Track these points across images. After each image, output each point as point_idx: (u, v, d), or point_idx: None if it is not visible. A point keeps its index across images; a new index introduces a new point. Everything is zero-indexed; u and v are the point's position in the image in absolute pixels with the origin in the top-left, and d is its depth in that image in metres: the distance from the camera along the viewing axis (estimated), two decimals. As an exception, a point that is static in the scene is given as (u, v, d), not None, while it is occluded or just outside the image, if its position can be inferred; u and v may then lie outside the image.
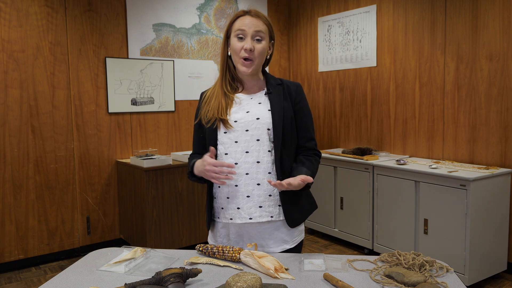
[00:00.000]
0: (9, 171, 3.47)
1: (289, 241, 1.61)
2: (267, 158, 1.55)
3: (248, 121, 1.55)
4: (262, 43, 1.56)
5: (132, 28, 3.99)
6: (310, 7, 4.85)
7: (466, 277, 2.97)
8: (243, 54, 1.54)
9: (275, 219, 1.57)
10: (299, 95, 1.65)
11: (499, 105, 3.27)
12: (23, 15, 3.46)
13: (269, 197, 1.55)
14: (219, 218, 1.63)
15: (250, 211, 1.55)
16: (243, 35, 1.54)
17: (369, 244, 3.70)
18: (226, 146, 1.56)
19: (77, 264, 1.47)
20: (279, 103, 1.58)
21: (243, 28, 1.54)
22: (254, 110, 1.57)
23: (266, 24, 1.58)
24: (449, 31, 3.54)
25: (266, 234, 1.58)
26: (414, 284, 1.24)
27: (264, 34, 1.56)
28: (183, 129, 4.36)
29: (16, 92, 3.47)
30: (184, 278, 1.26)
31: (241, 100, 1.61)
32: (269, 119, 1.55)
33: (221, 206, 1.61)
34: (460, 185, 2.97)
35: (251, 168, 1.54)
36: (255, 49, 1.54)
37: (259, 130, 1.54)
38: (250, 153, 1.54)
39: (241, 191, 1.55)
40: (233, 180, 1.55)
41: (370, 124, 4.27)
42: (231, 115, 1.57)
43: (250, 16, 1.56)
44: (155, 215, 3.59)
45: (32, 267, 3.60)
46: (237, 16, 1.58)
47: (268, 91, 1.60)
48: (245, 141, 1.54)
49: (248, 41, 1.53)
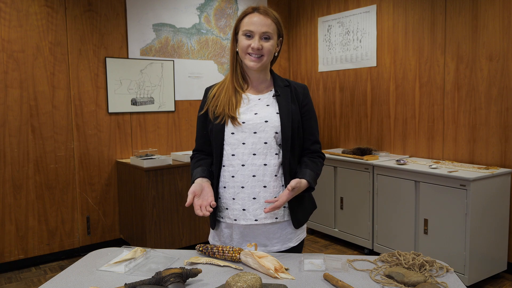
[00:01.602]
0: (9, 171, 3.47)
1: (293, 239, 1.62)
2: (274, 161, 1.55)
3: (257, 123, 1.54)
4: (270, 42, 1.55)
5: (132, 28, 3.99)
6: (310, 7, 4.85)
7: (466, 277, 2.97)
8: (250, 51, 1.54)
9: (280, 220, 1.58)
10: (306, 97, 1.65)
11: (499, 105, 3.27)
12: (23, 15, 3.46)
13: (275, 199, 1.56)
14: (222, 218, 1.62)
15: (256, 212, 1.55)
16: (251, 35, 1.54)
17: (369, 244, 3.70)
18: (233, 147, 1.56)
19: (77, 264, 1.47)
20: (287, 106, 1.58)
21: (251, 28, 1.53)
22: (262, 112, 1.56)
23: (275, 22, 1.56)
24: (449, 31, 3.54)
25: (271, 234, 1.59)
26: (414, 284, 1.24)
27: (272, 33, 1.55)
28: (183, 129, 4.36)
29: (16, 92, 3.47)
30: (184, 278, 1.26)
31: (250, 99, 1.60)
32: (277, 123, 1.55)
33: (225, 206, 1.60)
34: (460, 185, 2.97)
35: (258, 171, 1.54)
36: (263, 47, 1.53)
37: (267, 133, 1.54)
38: (257, 155, 1.54)
39: (247, 193, 1.55)
40: (239, 181, 1.55)
41: (370, 124, 4.27)
42: (240, 114, 1.56)
43: (258, 13, 1.54)
44: (155, 215, 3.59)
45: (32, 267, 3.60)
46: (245, 13, 1.57)
47: (277, 93, 1.60)
48: (252, 143, 1.54)
49: (256, 40, 1.52)
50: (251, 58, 1.54)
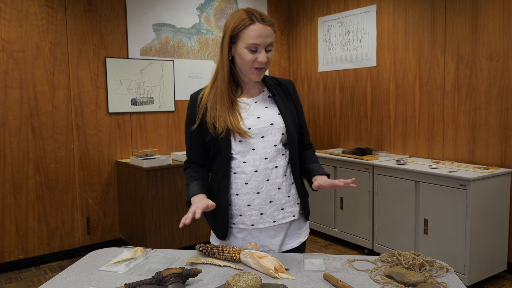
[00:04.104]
0: (9, 171, 3.47)
1: (302, 234, 1.65)
2: (283, 161, 1.56)
3: (262, 127, 1.52)
4: (272, 50, 1.52)
5: (132, 28, 3.99)
6: (310, 7, 4.85)
7: (466, 277, 2.97)
8: (257, 65, 1.49)
9: (296, 217, 1.60)
10: (295, 93, 1.67)
11: (499, 105, 3.27)
12: (23, 15, 3.46)
13: (288, 198, 1.57)
14: (235, 224, 1.59)
15: (273, 214, 1.55)
16: (256, 49, 1.47)
17: (369, 244, 3.70)
18: (244, 155, 1.53)
19: (77, 264, 1.47)
20: (285, 106, 1.58)
21: (257, 41, 1.45)
22: (264, 115, 1.55)
23: (273, 28, 1.51)
24: (449, 31, 3.54)
25: (287, 231, 1.60)
26: (414, 284, 1.24)
27: (273, 41, 1.51)
28: (183, 129, 4.33)
29: (16, 92, 3.47)
30: (184, 278, 1.26)
31: (247, 104, 1.56)
32: (282, 124, 1.54)
33: (239, 213, 1.56)
34: (460, 185, 2.97)
35: (271, 174, 1.54)
36: (268, 59, 1.50)
37: (274, 136, 1.53)
38: (268, 159, 1.53)
39: (263, 197, 1.53)
40: (253, 187, 1.53)
41: (370, 124, 4.27)
42: (242, 120, 1.52)
43: (260, 24, 1.46)
44: (155, 215, 3.59)
45: (32, 267, 3.60)
46: (244, 24, 1.46)
47: (273, 94, 1.59)
48: (262, 148, 1.52)
49: (262, 54, 1.47)
50: (256, 72, 1.50)
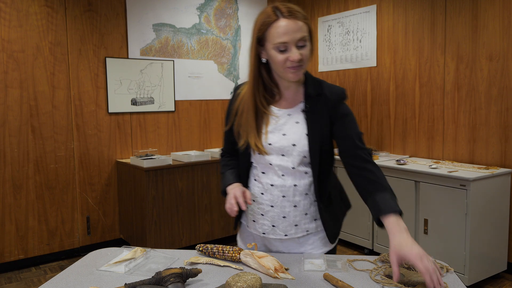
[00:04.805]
0: (9, 171, 3.47)
1: (328, 242, 1.57)
2: (304, 181, 1.46)
3: (284, 146, 1.42)
4: (307, 46, 1.35)
5: (132, 28, 3.99)
6: (310, 7, 4.85)
7: (466, 277, 2.97)
8: (290, 65, 1.34)
9: (311, 232, 1.52)
10: (338, 105, 1.45)
11: (499, 105, 3.27)
12: (23, 15, 3.46)
13: (305, 216, 1.49)
14: (248, 227, 1.57)
15: (286, 229, 1.50)
16: (286, 48, 1.33)
17: (369, 244, 3.70)
18: (262, 166, 1.48)
19: (77, 264, 1.47)
20: (317, 124, 1.42)
21: (284, 39, 1.31)
22: (290, 133, 1.42)
23: (305, 21, 1.34)
24: (449, 31, 3.54)
25: (303, 241, 1.54)
26: (414, 284, 1.24)
27: (306, 35, 1.34)
28: (183, 129, 4.36)
29: (16, 92, 3.47)
30: (184, 278, 1.26)
31: (279, 116, 1.44)
32: (305, 147, 1.41)
33: (253, 218, 1.53)
34: (460, 185, 2.97)
35: (288, 191, 1.45)
36: (302, 56, 1.34)
37: (294, 158, 1.42)
38: (286, 176, 1.45)
39: (277, 212, 1.48)
40: (268, 200, 1.47)
41: (370, 124, 4.27)
42: (267, 134, 1.43)
43: (285, 19, 1.31)
44: (155, 215, 3.59)
45: (32, 267, 3.60)
46: (269, 21, 1.33)
47: (306, 109, 1.43)
48: (279, 165, 1.44)
49: (293, 51, 1.32)
50: (292, 71, 1.36)
